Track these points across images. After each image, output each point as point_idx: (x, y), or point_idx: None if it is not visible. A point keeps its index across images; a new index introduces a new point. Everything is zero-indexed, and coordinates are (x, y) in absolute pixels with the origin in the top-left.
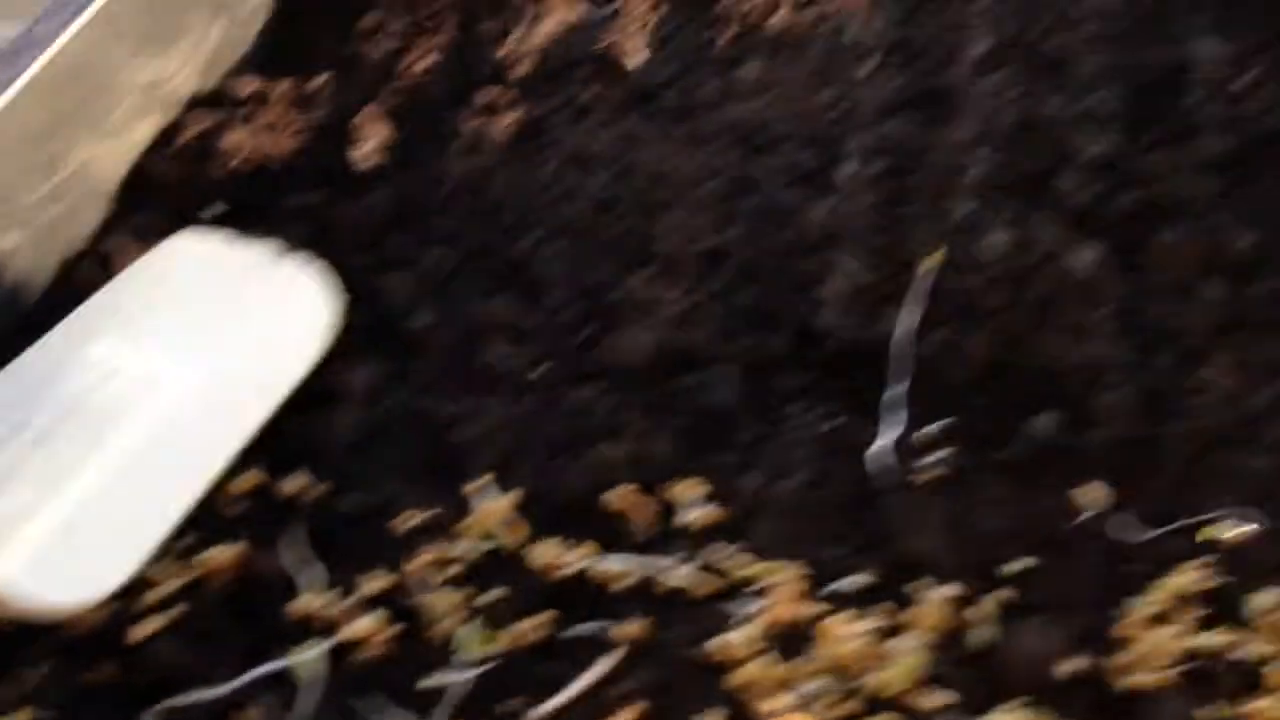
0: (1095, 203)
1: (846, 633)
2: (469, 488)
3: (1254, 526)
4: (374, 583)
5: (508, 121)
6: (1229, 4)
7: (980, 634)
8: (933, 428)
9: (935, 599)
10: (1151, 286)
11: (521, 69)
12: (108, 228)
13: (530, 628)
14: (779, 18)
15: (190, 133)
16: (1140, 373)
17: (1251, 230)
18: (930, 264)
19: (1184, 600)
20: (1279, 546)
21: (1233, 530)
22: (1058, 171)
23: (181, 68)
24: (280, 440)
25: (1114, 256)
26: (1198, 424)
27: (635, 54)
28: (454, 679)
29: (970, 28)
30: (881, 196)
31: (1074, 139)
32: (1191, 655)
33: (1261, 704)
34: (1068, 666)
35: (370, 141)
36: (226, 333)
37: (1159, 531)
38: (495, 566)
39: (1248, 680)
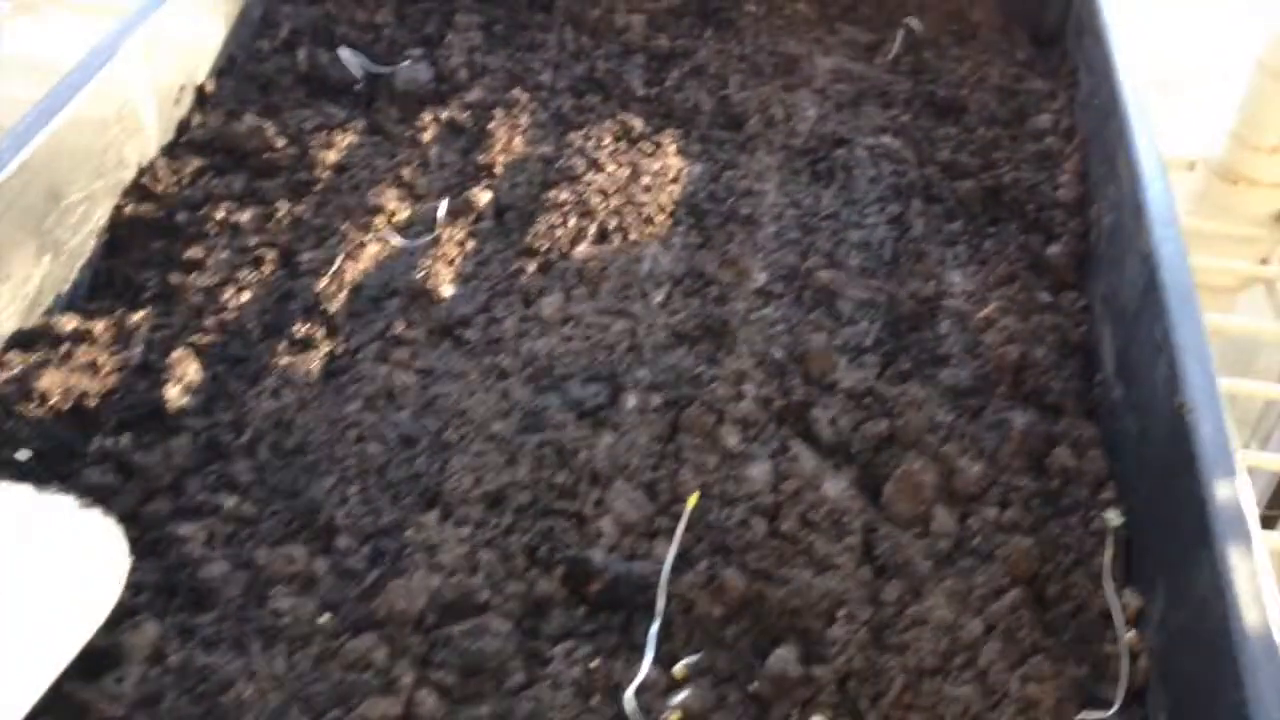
0: (850, 430)
1: None
2: None
3: None
4: None
5: (319, 356)
6: (980, 238)
7: None
8: (686, 662)
9: None
10: (891, 515)
11: (338, 301)
12: None
13: None
14: (582, 249)
15: (6, 375)
16: (870, 604)
17: (978, 461)
18: (692, 501)
19: None
20: None
21: None
22: (819, 402)
23: (3, 310)
24: (61, 706)
25: (862, 486)
26: (914, 655)
27: (447, 284)
28: None
29: (753, 258)
30: (659, 430)
31: (835, 369)
32: None
33: None
34: None
35: (182, 380)
36: (8, 598)
37: None
38: None
39: None
